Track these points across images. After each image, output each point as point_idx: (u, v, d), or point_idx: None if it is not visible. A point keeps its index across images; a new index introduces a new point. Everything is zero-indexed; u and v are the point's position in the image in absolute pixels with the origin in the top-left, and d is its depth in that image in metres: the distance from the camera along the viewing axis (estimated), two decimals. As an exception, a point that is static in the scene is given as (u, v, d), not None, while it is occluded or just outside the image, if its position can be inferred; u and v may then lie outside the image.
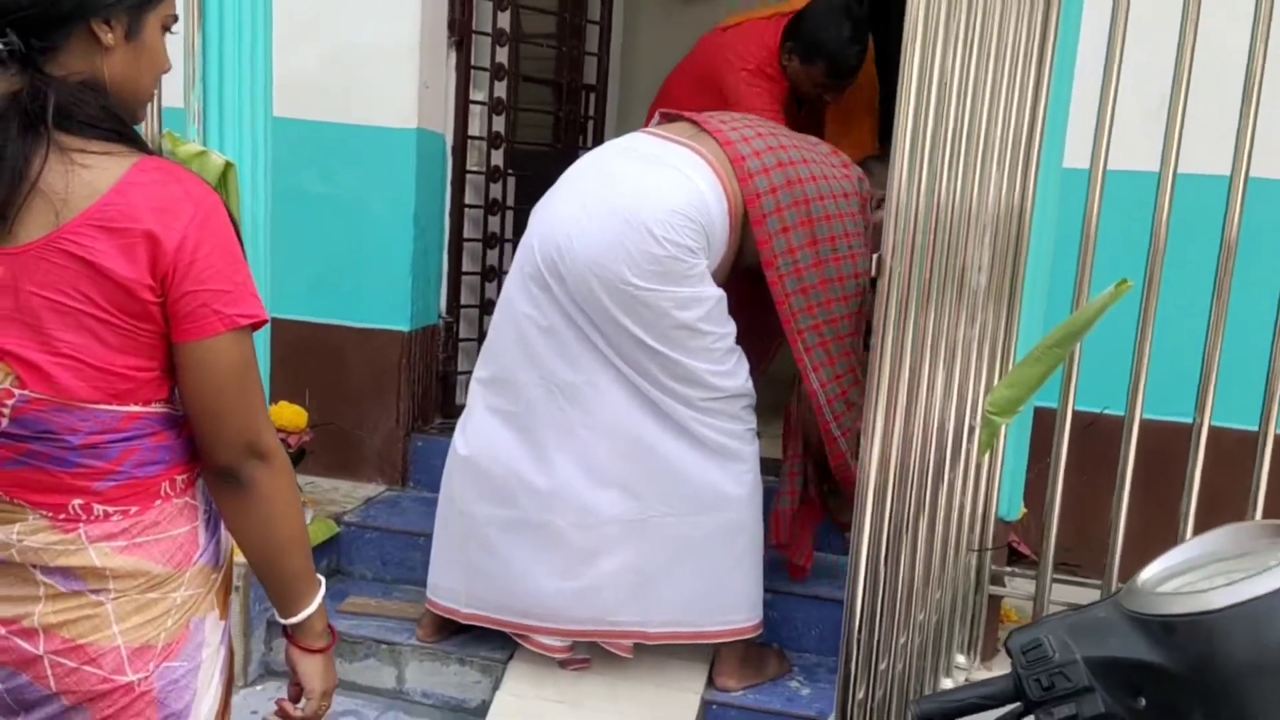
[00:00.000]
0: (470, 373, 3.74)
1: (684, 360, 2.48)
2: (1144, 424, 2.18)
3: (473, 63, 3.57)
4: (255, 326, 1.30)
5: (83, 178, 1.19)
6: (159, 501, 1.31)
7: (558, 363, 2.53)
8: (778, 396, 2.99)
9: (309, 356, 3.41)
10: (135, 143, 1.26)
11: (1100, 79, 2.12)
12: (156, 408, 1.30)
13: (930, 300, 1.73)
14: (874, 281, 1.63)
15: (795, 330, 2.56)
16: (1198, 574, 1.07)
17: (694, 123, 2.63)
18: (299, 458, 3.12)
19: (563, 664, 2.73)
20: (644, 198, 2.44)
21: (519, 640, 2.74)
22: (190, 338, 1.25)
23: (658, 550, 2.57)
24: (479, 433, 2.65)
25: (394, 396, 3.51)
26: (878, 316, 1.60)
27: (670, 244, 2.41)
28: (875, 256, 1.58)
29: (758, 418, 2.69)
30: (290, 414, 3.05)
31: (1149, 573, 1.12)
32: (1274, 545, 1.05)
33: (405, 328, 3.49)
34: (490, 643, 2.85)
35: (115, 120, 1.25)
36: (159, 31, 1.32)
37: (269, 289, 2.68)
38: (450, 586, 2.74)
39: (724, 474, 2.57)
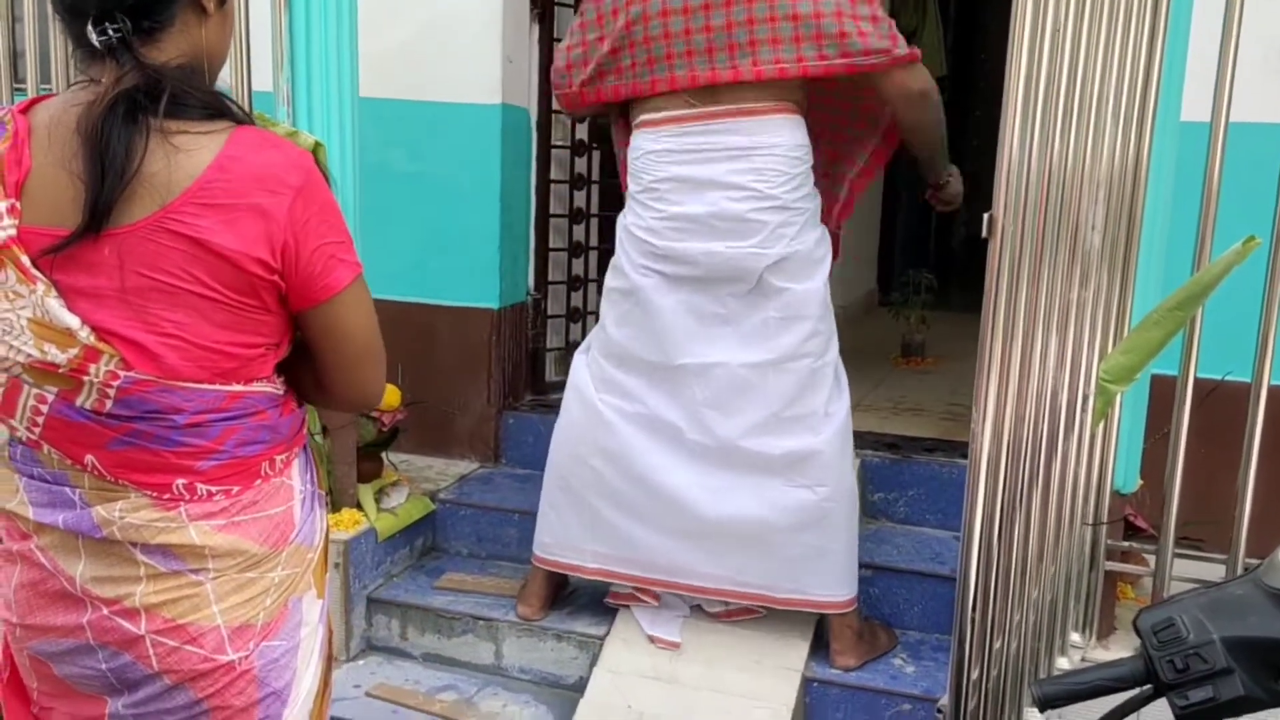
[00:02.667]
0: (560, 349, 3.78)
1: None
2: (1271, 390, 2.06)
3: (555, 35, 3.54)
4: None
5: (183, 158, 1.20)
6: (259, 481, 1.32)
7: (694, 344, 2.56)
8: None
9: (400, 335, 3.42)
10: (233, 115, 1.26)
11: (1219, 24, 1.99)
12: (258, 387, 1.30)
13: (1043, 261, 1.64)
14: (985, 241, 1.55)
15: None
16: (1342, 548, 0.99)
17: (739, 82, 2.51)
18: (393, 436, 3.15)
19: (651, 639, 2.73)
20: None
21: (640, 598, 2.77)
22: (329, 293, 1.28)
23: (777, 517, 2.58)
24: (609, 401, 2.70)
25: (485, 374, 3.51)
26: (989, 279, 1.52)
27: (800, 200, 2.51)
28: (986, 216, 1.50)
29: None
30: (385, 393, 3.07)
31: (1290, 547, 1.04)
32: None
33: (495, 305, 3.49)
34: (588, 619, 2.84)
35: (215, 97, 1.26)
36: None
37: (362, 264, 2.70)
38: (571, 543, 2.76)
39: (821, 442, 2.57)
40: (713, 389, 2.56)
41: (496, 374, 3.53)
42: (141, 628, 1.28)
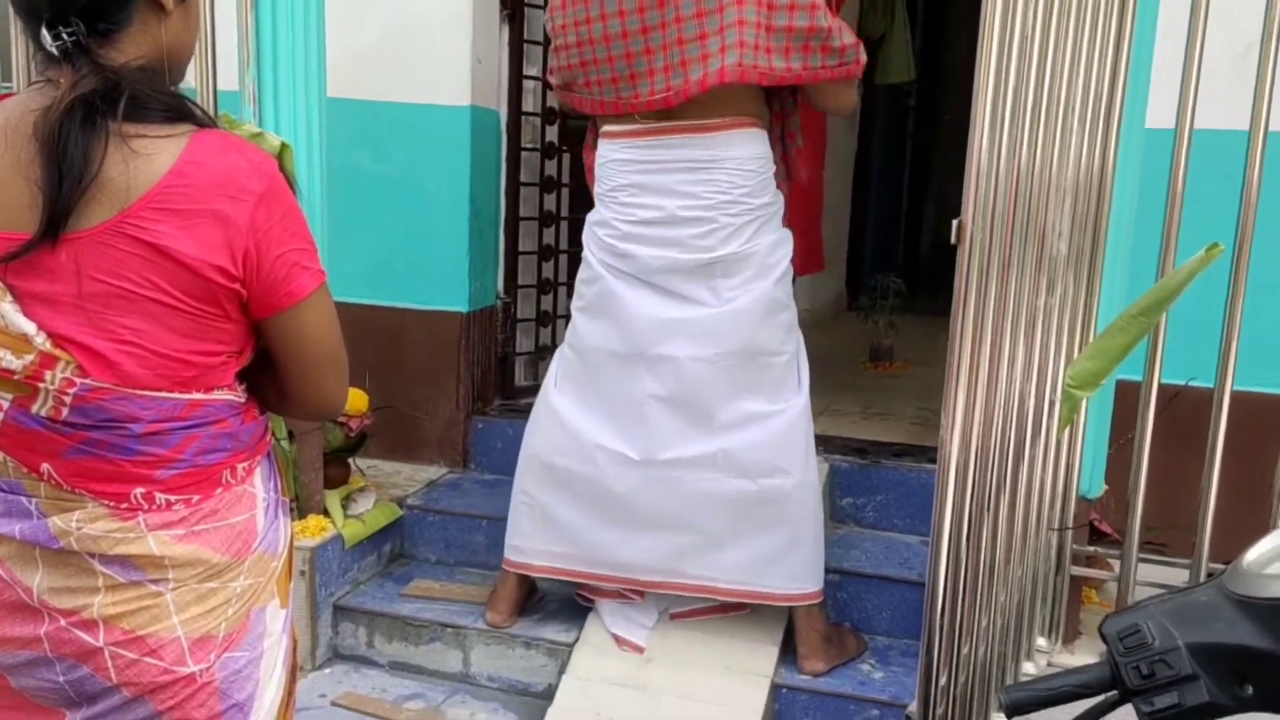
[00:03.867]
0: (529, 353, 3.76)
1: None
2: (1234, 396, 2.08)
3: (525, 36, 3.52)
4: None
5: (142, 162, 1.17)
6: (219, 490, 1.30)
7: (649, 336, 2.58)
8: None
9: (368, 339, 3.40)
10: (194, 118, 1.23)
11: (1184, 31, 2.01)
12: (219, 395, 1.28)
13: (1010, 268, 1.65)
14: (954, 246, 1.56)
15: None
16: (1306, 555, 0.99)
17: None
18: (360, 442, 3.12)
19: (616, 639, 2.74)
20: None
21: (594, 596, 2.78)
22: (292, 300, 1.26)
23: (728, 511, 2.59)
24: (565, 392, 2.72)
25: (453, 378, 3.49)
26: (958, 285, 1.53)
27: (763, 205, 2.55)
28: (955, 222, 1.51)
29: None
30: (351, 397, 3.03)
31: (1254, 554, 1.05)
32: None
33: (464, 309, 3.47)
34: (556, 626, 2.83)
35: (175, 100, 1.23)
36: None
37: (326, 271, 2.67)
38: (522, 544, 2.78)
39: (771, 436, 2.58)
40: (664, 381, 2.58)
41: (465, 378, 3.50)
42: (100, 639, 1.25)
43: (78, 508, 1.24)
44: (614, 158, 2.60)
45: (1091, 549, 2.39)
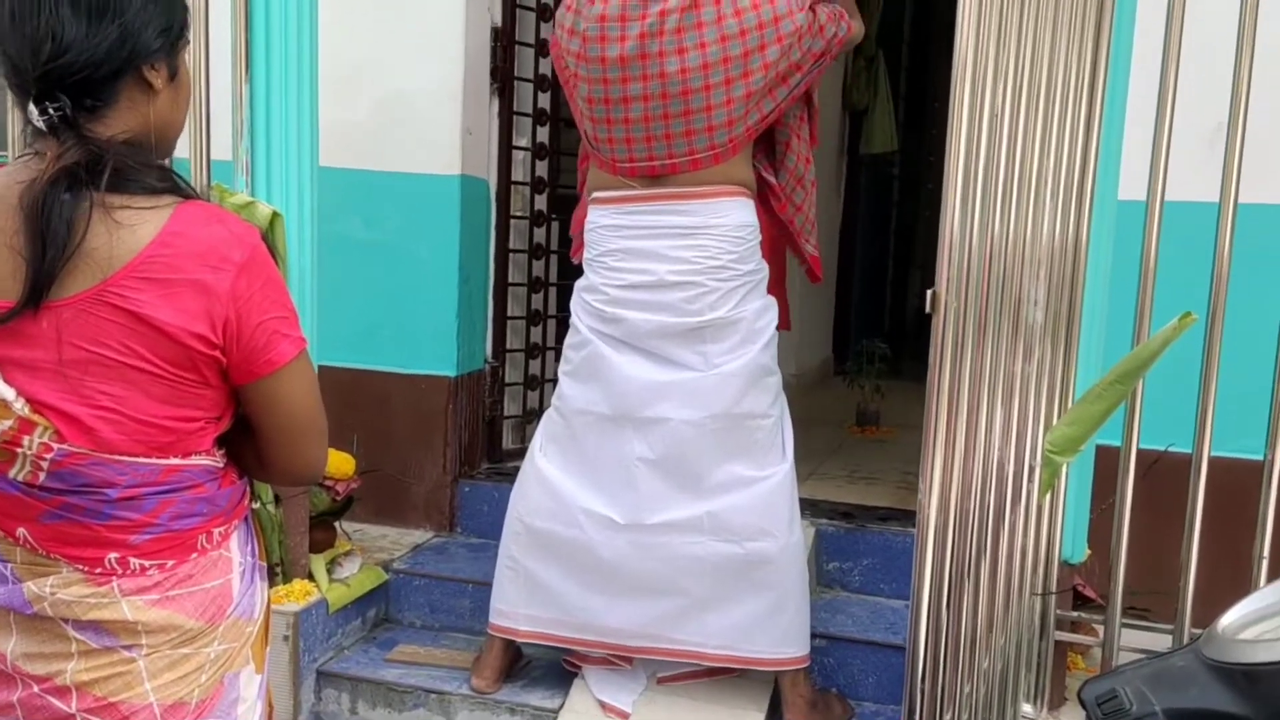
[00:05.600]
0: (517, 417, 3.77)
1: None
2: (1212, 461, 2.10)
3: (515, 108, 3.59)
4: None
5: (125, 233, 1.19)
6: (194, 554, 1.30)
7: (637, 399, 2.59)
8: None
9: (356, 403, 3.42)
10: (177, 190, 1.26)
11: (1154, 106, 2.07)
12: (197, 460, 1.29)
13: (986, 336, 1.68)
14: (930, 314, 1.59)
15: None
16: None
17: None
18: (347, 505, 3.12)
19: (601, 705, 2.71)
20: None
21: (580, 663, 2.76)
22: (272, 368, 1.27)
23: (715, 575, 2.59)
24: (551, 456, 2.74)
25: (441, 442, 3.50)
26: (932, 353, 1.55)
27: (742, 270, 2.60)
28: (929, 292, 1.54)
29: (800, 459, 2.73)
30: (338, 461, 3.05)
31: (1229, 619, 1.07)
32: (1364, 589, 1.00)
33: (452, 373, 3.48)
34: (542, 692, 2.80)
35: (161, 173, 1.26)
36: (185, 64, 1.34)
37: (316, 336, 2.69)
38: (506, 609, 2.76)
39: (756, 499, 2.59)
40: (653, 444, 2.59)
41: (453, 442, 3.51)
42: (73, 706, 1.25)
43: (52, 573, 1.24)
44: (603, 224, 2.64)
45: (1075, 614, 2.39)
